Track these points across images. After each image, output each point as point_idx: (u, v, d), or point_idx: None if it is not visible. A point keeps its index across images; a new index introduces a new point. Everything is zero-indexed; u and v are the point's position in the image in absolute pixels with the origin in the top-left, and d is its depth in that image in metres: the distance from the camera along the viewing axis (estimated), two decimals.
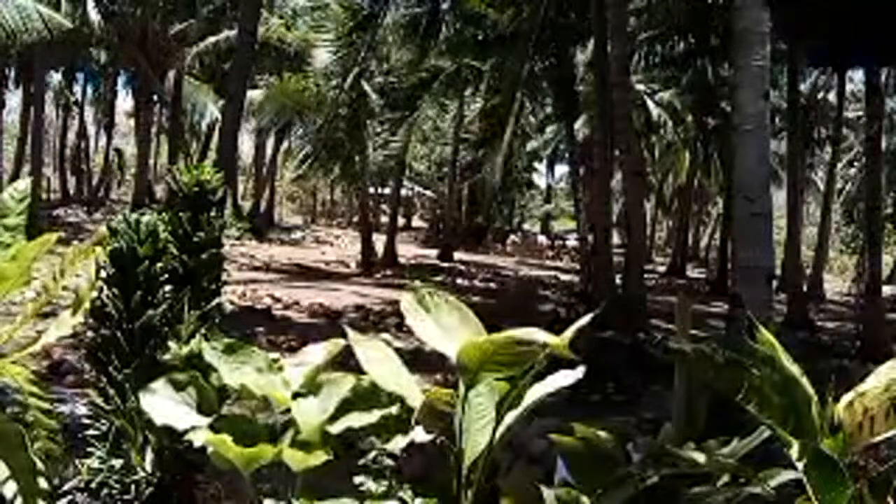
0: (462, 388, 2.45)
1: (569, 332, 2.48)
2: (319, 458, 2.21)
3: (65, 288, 2.82)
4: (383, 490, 2.58)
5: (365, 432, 2.42)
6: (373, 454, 2.87)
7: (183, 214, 3.58)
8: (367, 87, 18.94)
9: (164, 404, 2.34)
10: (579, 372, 2.52)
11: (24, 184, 2.88)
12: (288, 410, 2.39)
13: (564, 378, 2.52)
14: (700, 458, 2.41)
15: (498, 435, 2.43)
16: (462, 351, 2.36)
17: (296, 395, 2.44)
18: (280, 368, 2.54)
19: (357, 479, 2.76)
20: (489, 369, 2.42)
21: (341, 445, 2.50)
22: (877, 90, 13.64)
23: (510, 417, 2.45)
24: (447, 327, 2.54)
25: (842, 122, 22.54)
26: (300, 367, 2.54)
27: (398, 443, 2.41)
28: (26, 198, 2.79)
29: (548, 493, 2.40)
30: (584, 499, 2.40)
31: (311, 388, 2.46)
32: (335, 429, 2.35)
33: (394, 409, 2.41)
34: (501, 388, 2.47)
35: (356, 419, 2.38)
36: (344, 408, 2.40)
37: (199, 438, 2.24)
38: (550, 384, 2.51)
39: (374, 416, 2.37)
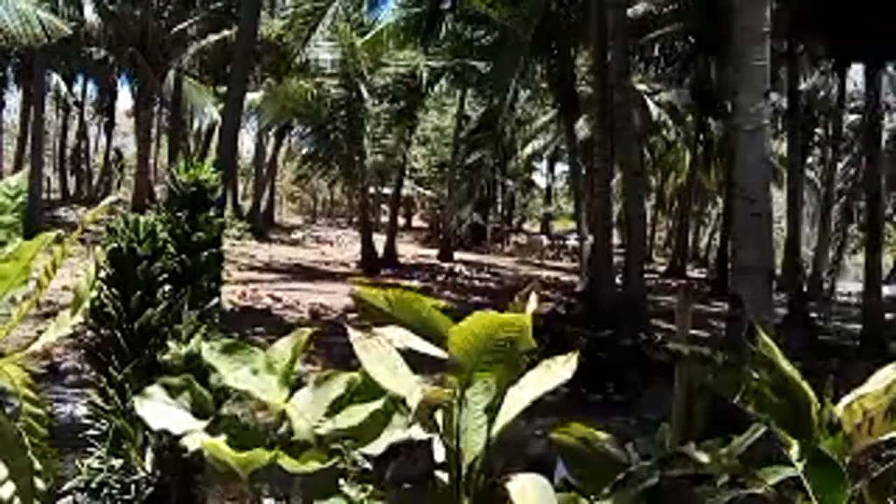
0: (458, 387, 2.44)
1: (530, 308, 2.48)
2: (314, 461, 2.20)
3: (65, 288, 2.81)
4: (365, 495, 2.57)
5: (360, 432, 2.42)
6: (356, 456, 2.86)
7: (181, 214, 3.58)
8: (362, 87, 18.98)
9: (160, 409, 2.33)
10: (574, 362, 2.51)
11: (16, 180, 2.84)
12: (283, 412, 2.38)
13: (560, 372, 2.51)
14: (701, 457, 2.41)
15: (495, 434, 2.43)
16: (452, 345, 2.33)
17: (291, 393, 2.43)
18: (275, 369, 2.52)
19: (342, 482, 2.75)
20: (483, 366, 2.41)
21: (337, 446, 2.50)
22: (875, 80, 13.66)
23: (507, 416, 2.44)
24: (418, 329, 2.49)
25: (842, 122, 22.56)
26: (275, 364, 2.51)
27: (379, 445, 2.39)
28: (20, 194, 2.76)
29: (512, 485, 2.38)
30: (584, 500, 2.40)
31: (289, 381, 2.44)
32: (329, 430, 2.35)
33: (391, 409, 2.40)
34: (498, 387, 2.46)
35: (352, 419, 2.37)
36: (338, 408, 2.39)
37: (194, 443, 2.24)
38: (547, 379, 2.50)
39: (360, 417, 2.36)
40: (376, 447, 2.36)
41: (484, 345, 2.32)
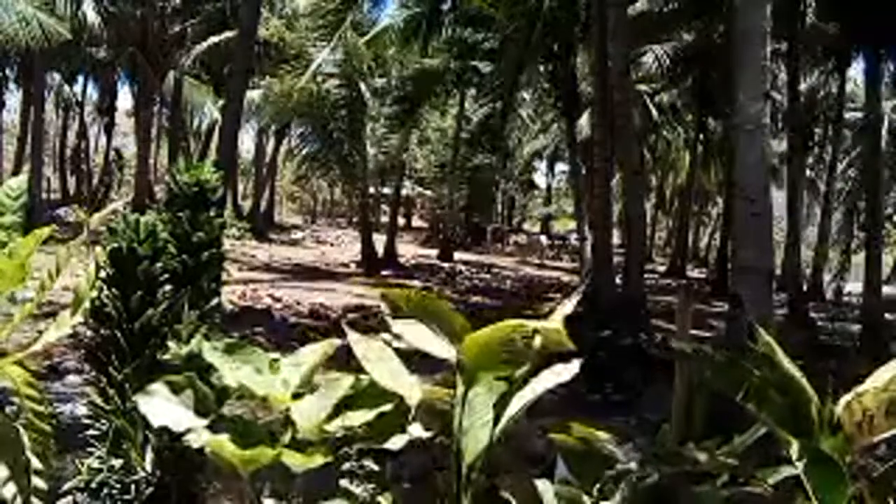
0: (461, 388, 2.45)
1: (559, 316, 2.49)
2: (318, 458, 2.21)
3: (65, 288, 2.82)
4: (369, 494, 2.58)
5: (362, 431, 2.42)
6: (358, 455, 2.87)
7: (182, 214, 3.58)
8: (363, 87, 18.99)
9: (162, 406, 2.34)
10: (576, 366, 2.51)
11: (18, 181, 2.86)
12: (287, 410, 2.39)
13: (562, 372, 2.51)
14: (701, 456, 2.41)
15: (497, 434, 2.43)
16: (464, 348, 2.35)
17: (294, 395, 2.44)
18: (279, 368, 2.54)
19: (344, 482, 2.76)
20: (489, 367, 2.42)
21: (341, 445, 2.50)
22: (877, 79, 13.67)
23: (509, 416, 2.44)
24: (436, 330, 2.54)
25: (842, 122, 22.57)
26: (297, 367, 2.54)
27: (396, 442, 2.41)
28: (22, 195, 2.77)
29: (543, 487, 2.40)
30: (585, 498, 2.40)
31: (308, 387, 2.47)
32: (333, 428, 2.35)
33: (391, 408, 2.40)
34: (500, 388, 2.47)
35: (353, 418, 2.38)
36: (343, 407, 2.40)
37: (197, 440, 2.24)
38: (548, 379, 2.50)
39: (371, 415, 2.37)
40: (394, 444, 2.39)
41: (495, 348, 2.35)
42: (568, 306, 2.60)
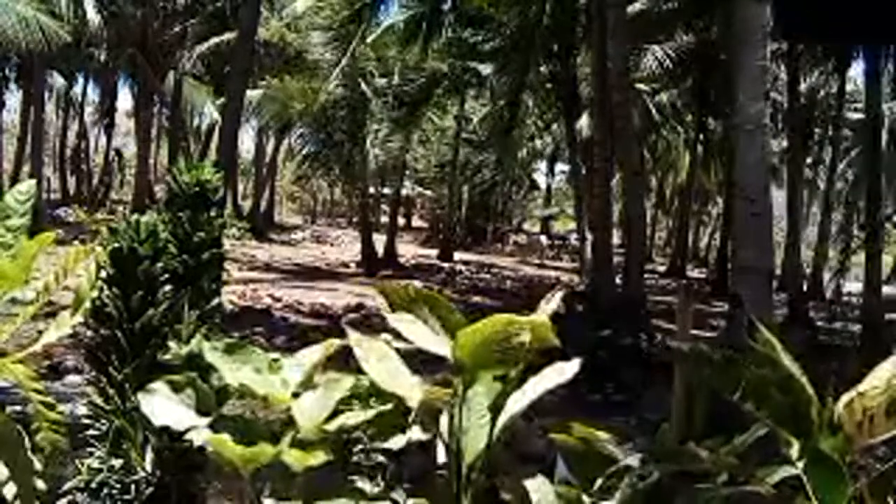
0: (460, 387, 2.45)
1: (548, 309, 2.49)
2: (319, 457, 2.21)
3: (65, 288, 2.83)
4: (378, 491, 2.58)
5: (362, 430, 2.43)
6: (365, 453, 2.87)
7: (183, 214, 3.58)
8: (365, 88, 19.00)
9: (163, 405, 2.34)
10: (576, 365, 2.51)
11: (27, 185, 2.89)
12: (288, 410, 2.39)
13: (561, 372, 2.51)
14: (702, 455, 2.41)
15: (496, 434, 2.43)
16: (458, 345, 2.34)
17: (295, 395, 2.44)
18: (279, 368, 2.54)
19: (353, 479, 2.76)
20: (486, 365, 2.41)
21: (342, 444, 2.50)
22: (877, 77, 13.66)
23: (508, 416, 2.44)
24: (433, 326, 2.53)
25: (842, 122, 22.57)
26: (298, 367, 2.54)
27: (397, 442, 2.42)
28: (30, 199, 2.80)
29: (543, 488, 2.40)
30: (585, 497, 2.40)
31: (309, 387, 2.47)
32: (332, 427, 2.36)
33: (391, 408, 2.41)
34: (498, 387, 2.47)
35: (352, 417, 2.38)
36: (343, 407, 2.41)
37: (199, 438, 2.25)
38: (548, 379, 2.50)
39: (370, 414, 2.38)
40: (396, 443, 2.39)
41: (490, 345, 2.34)
42: (553, 301, 2.59)
